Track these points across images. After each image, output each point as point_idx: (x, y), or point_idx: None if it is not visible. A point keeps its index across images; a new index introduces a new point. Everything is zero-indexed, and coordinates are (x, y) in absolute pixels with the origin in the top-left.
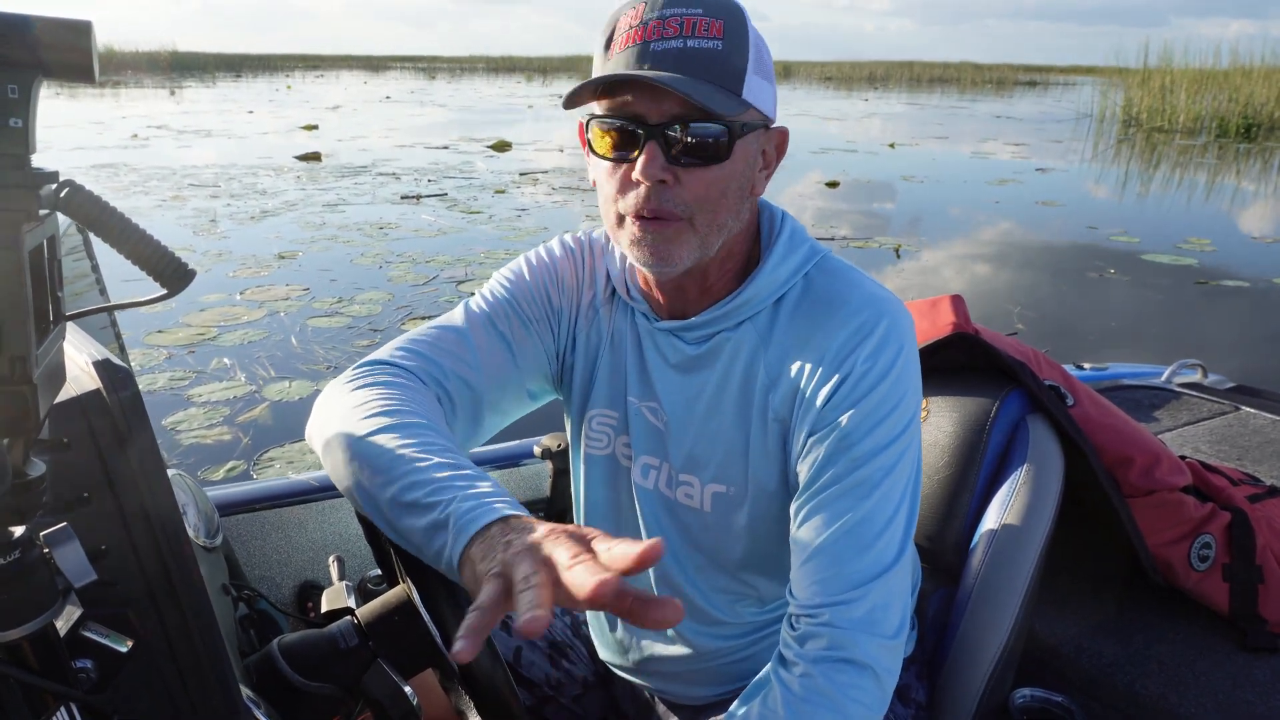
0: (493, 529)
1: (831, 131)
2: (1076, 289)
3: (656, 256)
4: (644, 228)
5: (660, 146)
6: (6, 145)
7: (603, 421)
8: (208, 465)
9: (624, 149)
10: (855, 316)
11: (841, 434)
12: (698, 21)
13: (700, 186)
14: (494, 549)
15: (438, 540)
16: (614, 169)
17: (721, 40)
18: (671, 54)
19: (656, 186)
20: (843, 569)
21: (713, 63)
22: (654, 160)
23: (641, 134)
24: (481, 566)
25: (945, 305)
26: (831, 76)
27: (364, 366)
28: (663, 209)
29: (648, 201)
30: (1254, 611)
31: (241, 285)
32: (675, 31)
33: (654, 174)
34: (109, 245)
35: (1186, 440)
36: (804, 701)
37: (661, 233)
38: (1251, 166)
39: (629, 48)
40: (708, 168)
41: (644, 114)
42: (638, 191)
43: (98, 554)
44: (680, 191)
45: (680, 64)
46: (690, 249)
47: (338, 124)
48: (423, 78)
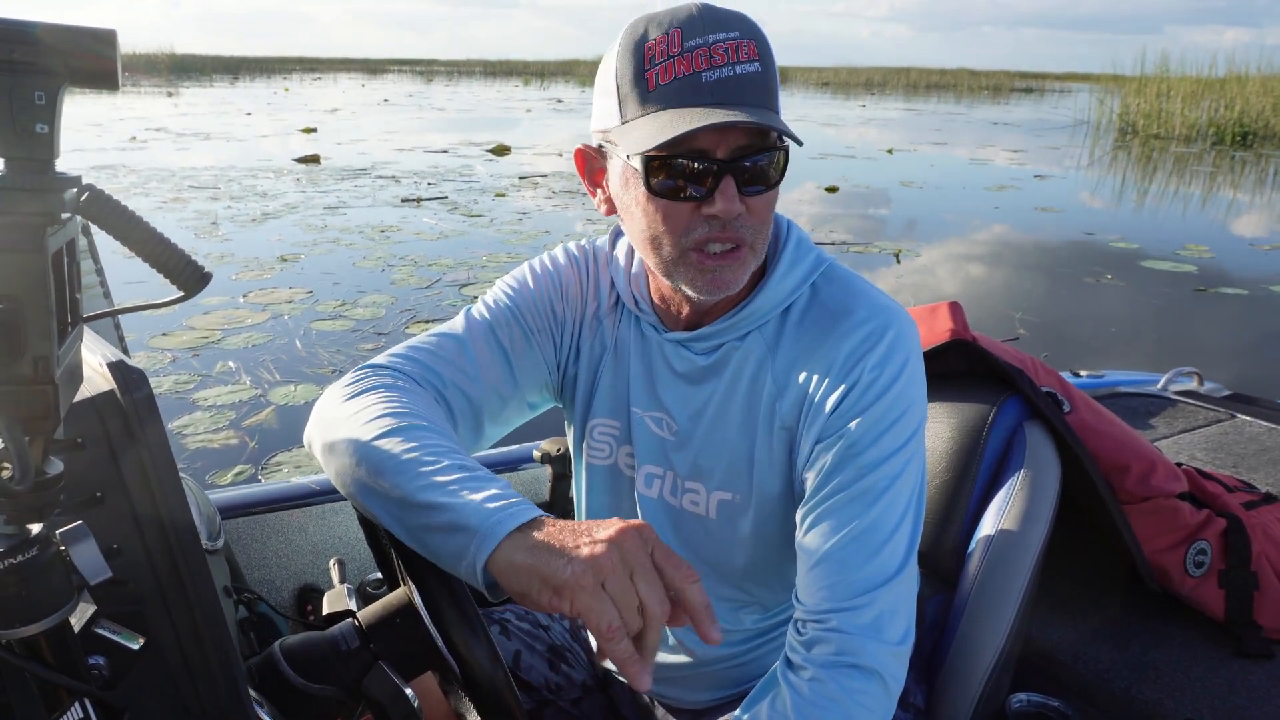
0: (530, 533)
1: (830, 137)
2: (1076, 295)
3: (723, 286)
4: (716, 262)
5: (736, 180)
6: (33, 150)
7: (605, 431)
8: (215, 469)
9: (693, 185)
10: (862, 326)
11: (848, 442)
12: (739, 45)
13: (764, 211)
14: (556, 552)
15: (455, 539)
16: (674, 205)
17: (759, 62)
18: (728, 84)
19: (733, 220)
20: (849, 575)
21: (760, 88)
22: (734, 196)
23: (716, 170)
24: (551, 569)
25: (943, 312)
26: (828, 82)
27: (363, 370)
28: (738, 237)
29: (726, 234)
30: (1249, 617)
31: (244, 288)
32: (723, 59)
33: (736, 209)
34: (128, 249)
35: (1182, 448)
36: (813, 706)
37: (732, 263)
38: (1248, 174)
39: (677, 79)
40: (767, 192)
41: (709, 149)
42: (710, 225)
43: (110, 553)
44: (749, 219)
45: (738, 94)
46: (749, 272)
47: (336, 127)
48: (420, 81)
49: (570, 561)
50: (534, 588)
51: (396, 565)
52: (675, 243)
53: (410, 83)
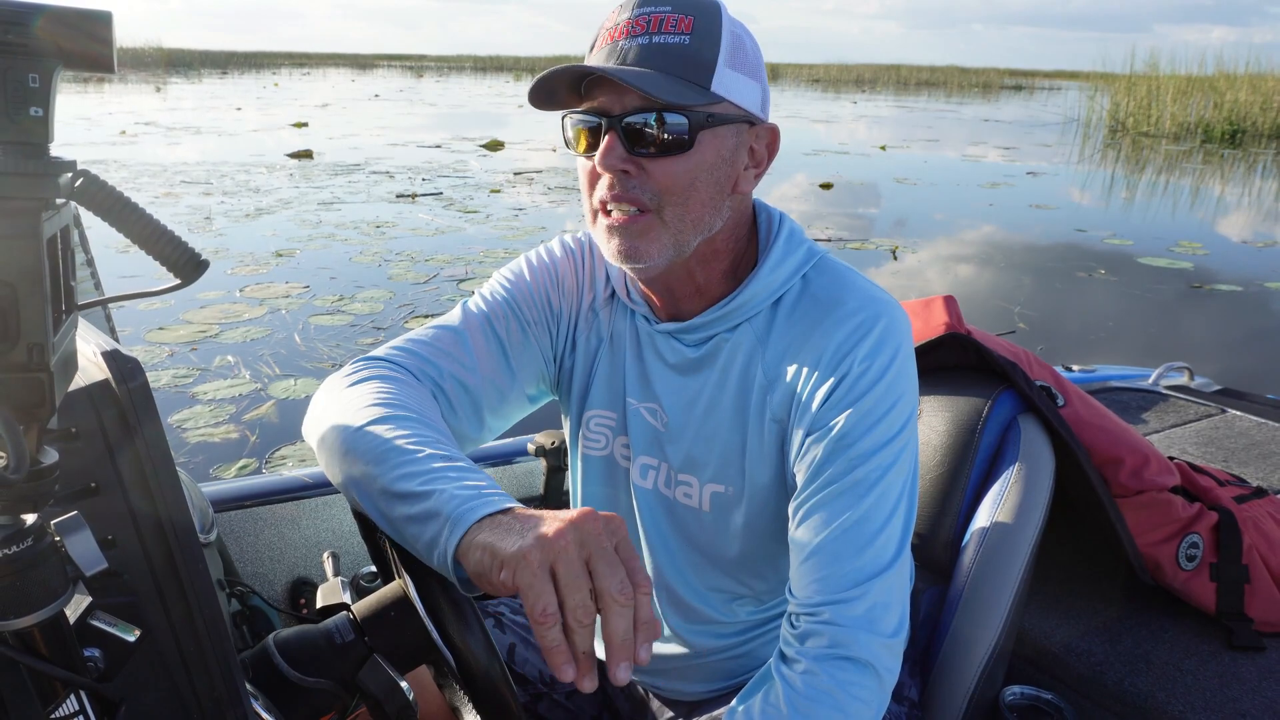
0: (500, 517)
1: (822, 134)
2: (1072, 291)
3: (627, 250)
4: (613, 222)
5: (619, 137)
6: (28, 134)
7: (601, 422)
8: (218, 463)
9: (594, 143)
10: (852, 317)
11: (839, 434)
12: (665, 18)
13: (666, 177)
14: (516, 531)
15: (430, 529)
16: (587, 163)
17: (690, 35)
18: (636, 50)
19: (620, 176)
20: (842, 567)
21: (677, 57)
22: (612, 150)
23: (601, 125)
24: (505, 545)
25: (938, 305)
26: (819, 79)
27: (360, 363)
28: (628, 195)
29: (611, 189)
30: (1240, 610)
31: (241, 283)
32: (643, 29)
33: (613, 163)
34: (124, 235)
35: (1174, 442)
36: (807, 699)
37: (631, 226)
38: (1237, 171)
39: (603, 48)
40: (672, 158)
41: (608, 107)
42: (604, 181)
43: (105, 544)
44: (646, 181)
45: (643, 59)
46: (662, 245)
47: (327, 122)
48: (410, 76)
49: (522, 537)
50: (486, 563)
51: (391, 558)
52: (588, 202)
53: (400, 78)
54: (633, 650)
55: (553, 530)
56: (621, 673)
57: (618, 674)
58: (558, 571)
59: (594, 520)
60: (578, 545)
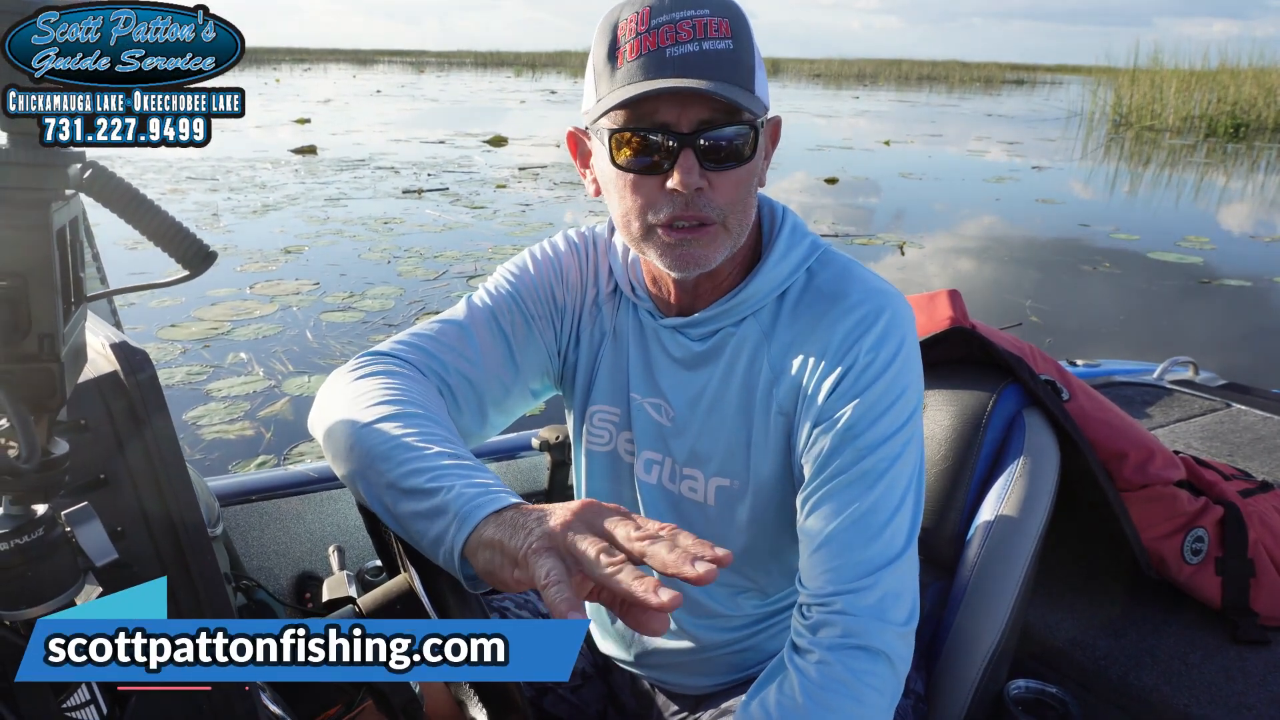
0: (506, 514)
1: (826, 129)
2: (1080, 285)
3: (693, 262)
4: (680, 236)
5: (695, 154)
6: (30, 128)
7: (605, 417)
8: (236, 460)
9: (656, 159)
10: (857, 309)
11: (846, 425)
12: (708, 22)
13: (731, 188)
14: (523, 527)
15: (437, 525)
16: (640, 180)
17: (731, 39)
18: (692, 59)
19: (694, 194)
20: (852, 557)
21: (729, 63)
22: (693, 169)
23: (674, 144)
24: (515, 542)
25: (943, 300)
26: (820, 74)
27: (366, 358)
28: (699, 214)
29: (688, 210)
30: (1245, 604)
31: (250, 280)
32: (689, 35)
33: (694, 183)
34: (132, 226)
35: (1178, 436)
36: (822, 689)
37: (698, 239)
38: (1241, 165)
39: (642, 56)
40: (737, 168)
41: (672, 123)
42: (673, 201)
43: (115, 535)
44: (713, 196)
45: (700, 68)
46: (723, 250)
47: (330, 117)
48: (411, 72)
49: (530, 534)
50: (496, 562)
51: (396, 552)
52: (642, 219)
53: (401, 73)
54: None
55: (558, 521)
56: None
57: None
58: (573, 552)
59: (596, 506)
60: (585, 526)
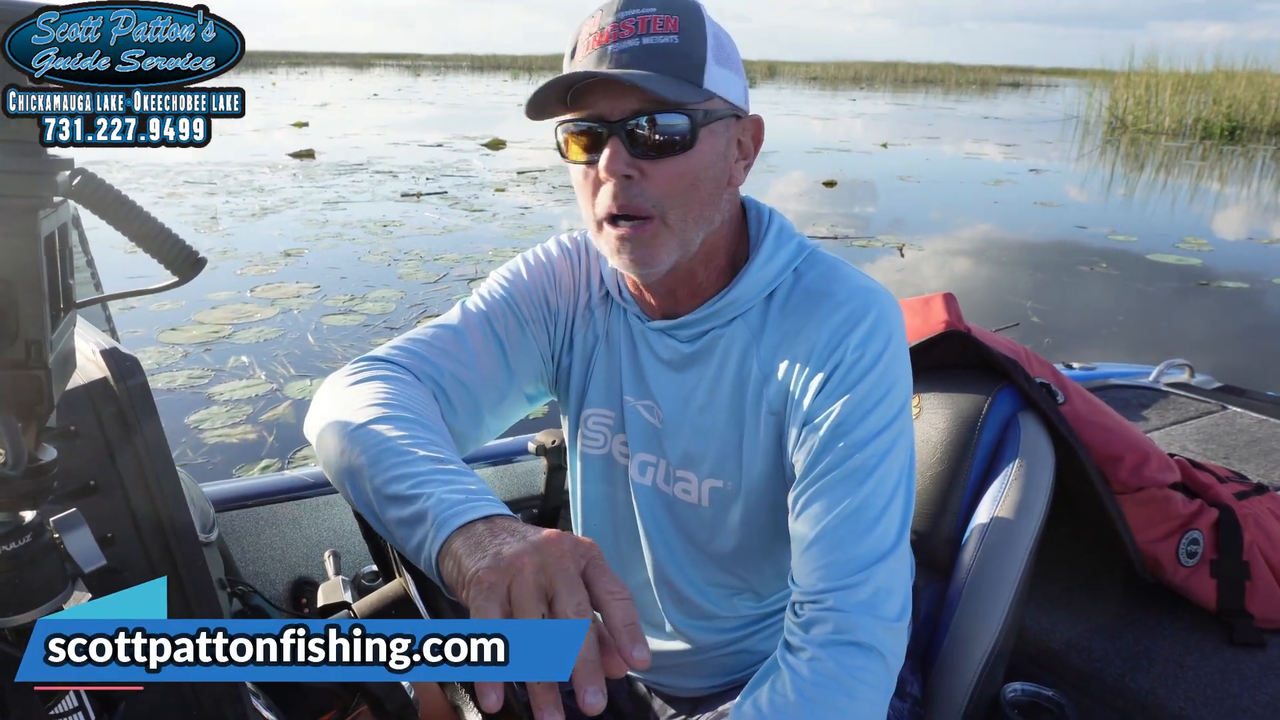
0: (477, 526)
1: (822, 131)
2: (1078, 286)
3: (637, 260)
4: (622, 233)
5: (622, 141)
6: (24, 131)
7: (599, 421)
8: (240, 464)
9: (592, 150)
10: (843, 307)
11: (835, 422)
12: (652, 19)
13: (668, 179)
14: (482, 547)
15: (418, 533)
16: (587, 172)
17: (678, 34)
18: (629, 52)
19: (623, 182)
20: (843, 554)
21: (671, 56)
22: (617, 155)
23: (604, 131)
24: (468, 562)
25: (938, 303)
26: (816, 77)
27: (362, 362)
28: (631, 204)
29: (616, 199)
30: (1241, 607)
31: (250, 283)
32: (631, 31)
33: (618, 169)
34: (121, 233)
35: (1174, 439)
36: (814, 685)
37: (638, 236)
38: (1236, 167)
39: (590, 53)
40: (674, 158)
41: (606, 113)
42: (607, 189)
43: (104, 542)
44: (648, 186)
45: (638, 61)
46: (669, 248)
47: (327, 121)
48: (407, 75)
49: (485, 556)
50: (454, 577)
51: (392, 557)
52: (591, 213)
53: (398, 77)
54: (595, 675)
55: (511, 552)
56: (589, 697)
57: (585, 699)
58: (511, 594)
59: (560, 542)
60: (535, 569)
